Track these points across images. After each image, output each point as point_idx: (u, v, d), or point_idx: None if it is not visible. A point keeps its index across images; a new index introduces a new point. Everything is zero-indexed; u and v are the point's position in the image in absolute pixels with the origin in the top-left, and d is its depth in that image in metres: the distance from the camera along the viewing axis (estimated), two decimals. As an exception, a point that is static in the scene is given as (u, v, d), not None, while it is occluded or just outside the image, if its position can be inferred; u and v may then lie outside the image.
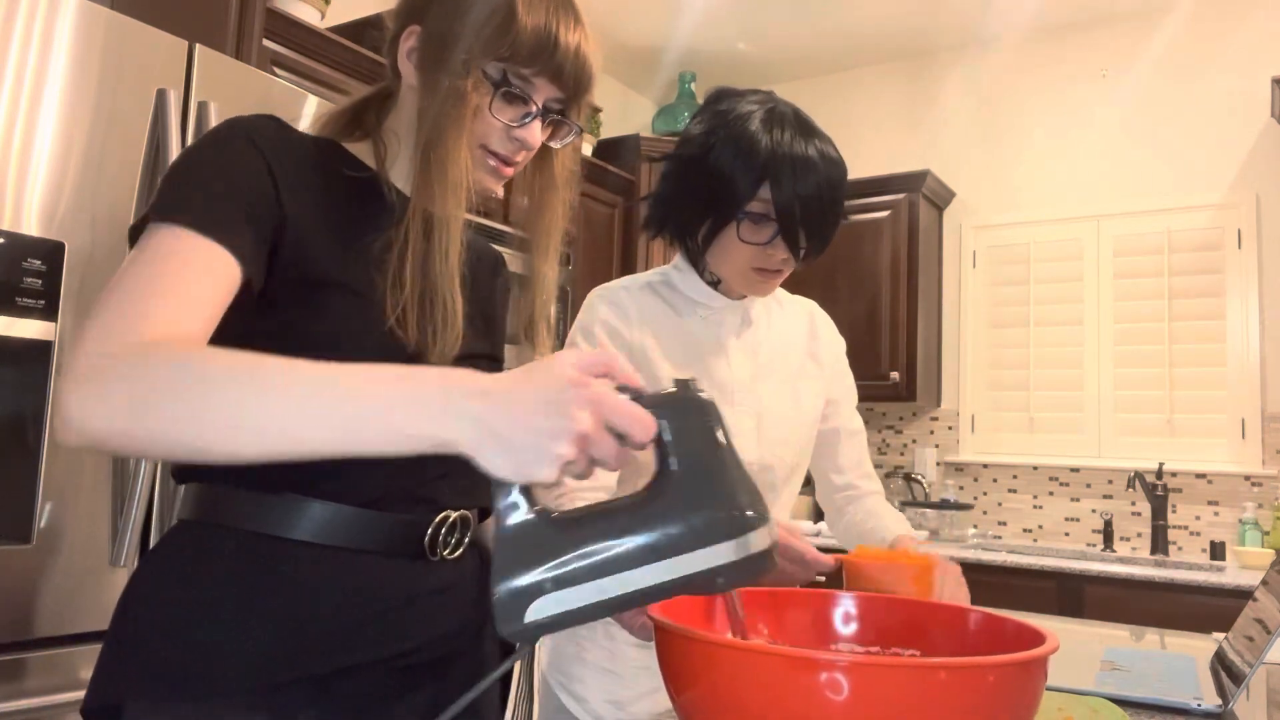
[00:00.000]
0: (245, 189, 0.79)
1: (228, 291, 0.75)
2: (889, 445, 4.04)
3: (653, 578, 0.61)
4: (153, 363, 0.64)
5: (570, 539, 0.61)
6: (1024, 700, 0.61)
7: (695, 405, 0.63)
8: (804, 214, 1.19)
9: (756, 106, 1.22)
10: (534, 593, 0.60)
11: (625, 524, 0.62)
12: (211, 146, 0.81)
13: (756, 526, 0.62)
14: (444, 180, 0.83)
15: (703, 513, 0.61)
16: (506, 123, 0.87)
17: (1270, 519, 3.20)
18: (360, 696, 0.82)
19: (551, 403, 0.59)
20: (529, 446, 0.58)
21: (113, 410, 0.63)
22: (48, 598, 1.48)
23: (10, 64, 1.47)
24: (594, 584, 0.61)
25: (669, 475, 0.62)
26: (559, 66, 0.87)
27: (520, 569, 0.61)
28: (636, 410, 0.60)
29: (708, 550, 0.61)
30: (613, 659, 1.27)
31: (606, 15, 3.87)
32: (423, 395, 0.61)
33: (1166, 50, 3.63)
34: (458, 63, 0.84)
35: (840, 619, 0.84)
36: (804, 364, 1.38)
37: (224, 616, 0.79)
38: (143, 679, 0.78)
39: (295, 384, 0.62)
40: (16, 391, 1.45)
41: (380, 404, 0.61)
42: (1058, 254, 3.79)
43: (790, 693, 0.58)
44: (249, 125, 0.83)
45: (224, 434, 0.62)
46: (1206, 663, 1.30)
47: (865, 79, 4.28)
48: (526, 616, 0.61)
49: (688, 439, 0.62)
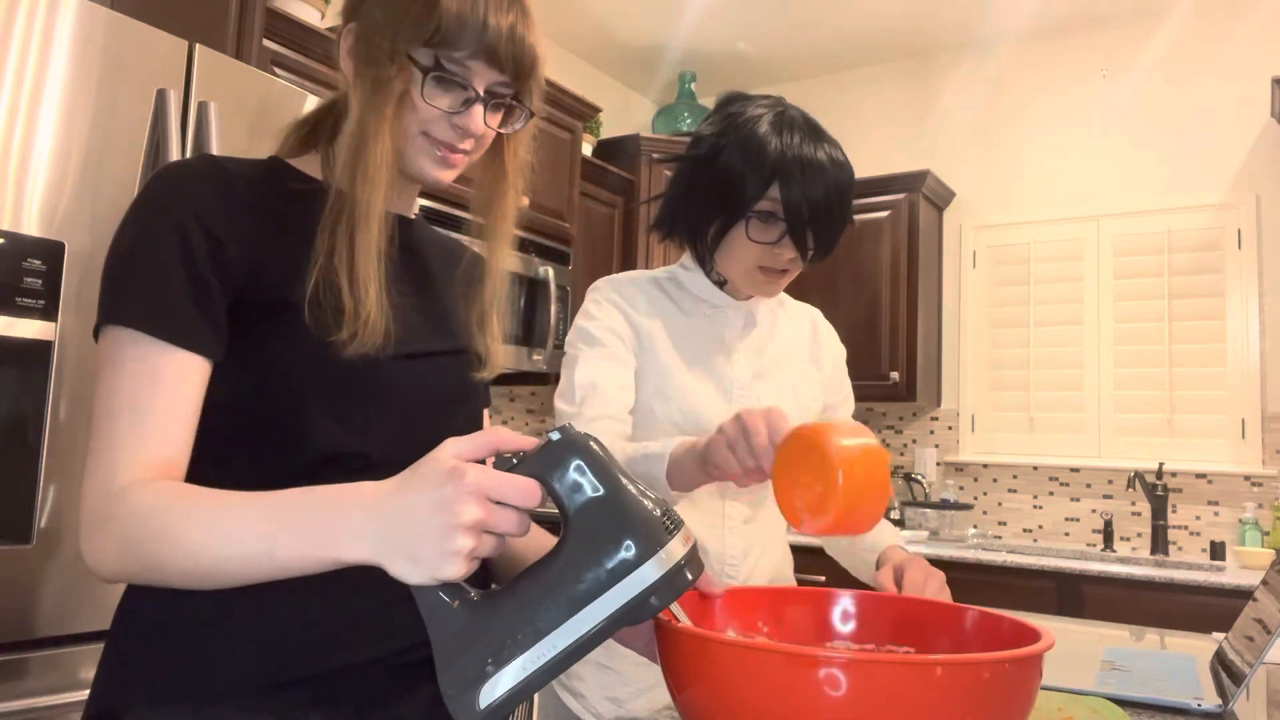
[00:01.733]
0: (189, 268, 0.78)
1: (200, 390, 0.80)
2: (889, 445, 4.04)
3: (586, 625, 0.62)
4: (127, 519, 0.72)
5: (497, 618, 0.63)
6: (1019, 697, 0.62)
7: (570, 448, 0.64)
8: (812, 216, 1.21)
9: (766, 110, 1.25)
10: (479, 679, 0.63)
11: (545, 584, 0.63)
12: (145, 226, 0.80)
13: (667, 540, 0.63)
14: (363, 166, 0.83)
15: (610, 545, 0.62)
16: (444, 109, 0.86)
17: (1270, 519, 3.20)
18: (361, 696, 0.82)
19: (436, 501, 0.62)
20: (429, 550, 0.62)
21: (109, 557, 0.73)
22: (48, 598, 1.48)
23: (10, 64, 1.47)
24: (532, 652, 0.62)
25: (569, 523, 0.64)
26: (491, 48, 0.85)
27: (460, 661, 0.63)
28: (516, 481, 0.63)
29: (629, 578, 0.62)
30: (611, 656, 1.28)
31: (606, 15, 3.87)
32: (320, 523, 0.66)
33: (1166, 50, 3.63)
34: (383, 51, 0.83)
35: (838, 617, 0.84)
36: (805, 368, 1.40)
37: (219, 620, 0.79)
38: (142, 686, 0.78)
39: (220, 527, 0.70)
40: (16, 391, 1.45)
41: (287, 537, 0.67)
42: (1058, 254, 3.79)
43: (789, 689, 0.58)
44: (177, 182, 0.82)
45: (187, 569, 0.70)
46: (1206, 663, 1.30)
47: (865, 79, 4.29)
48: (480, 704, 0.63)
49: (574, 484, 0.64)
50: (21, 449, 1.46)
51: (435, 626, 0.63)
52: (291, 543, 0.67)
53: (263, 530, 0.68)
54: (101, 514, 0.73)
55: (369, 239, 0.84)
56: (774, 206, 1.21)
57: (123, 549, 0.72)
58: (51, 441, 1.49)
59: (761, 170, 1.20)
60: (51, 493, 1.49)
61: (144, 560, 0.71)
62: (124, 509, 0.72)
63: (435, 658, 0.64)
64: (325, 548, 0.66)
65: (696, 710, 0.65)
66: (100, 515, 0.73)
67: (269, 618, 0.79)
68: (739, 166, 1.21)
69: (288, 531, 0.67)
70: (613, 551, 0.62)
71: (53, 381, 1.49)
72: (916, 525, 3.64)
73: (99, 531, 0.73)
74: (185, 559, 0.70)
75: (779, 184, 1.20)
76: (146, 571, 0.72)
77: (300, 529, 0.67)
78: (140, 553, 0.71)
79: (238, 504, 0.71)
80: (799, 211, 1.20)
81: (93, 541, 0.73)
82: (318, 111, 0.96)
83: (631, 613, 0.62)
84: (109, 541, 0.72)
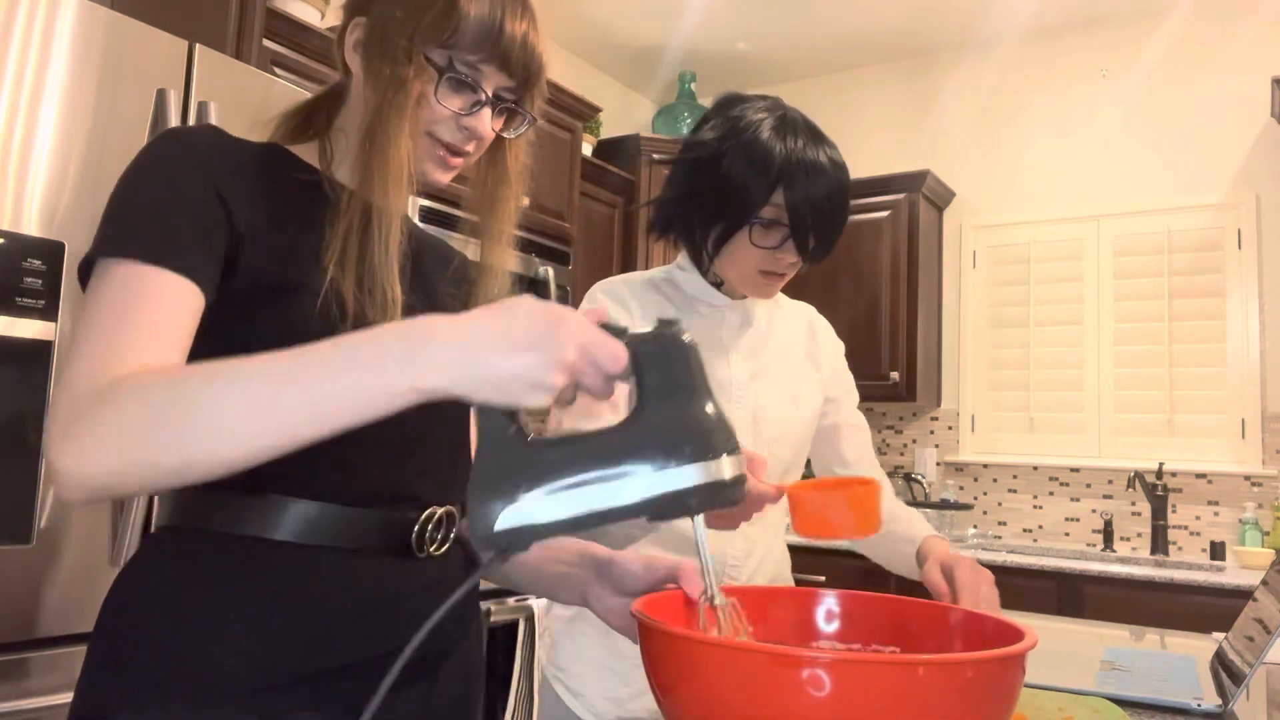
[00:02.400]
0: (191, 209, 0.77)
1: (193, 319, 0.76)
2: (889, 445, 4.04)
3: (623, 497, 0.64)
4: (127, 396, 0.64)
5: (546, 457, 0.65)
6: (1002, 696, 0.62)
7: (673, 343, 0.66)
8: (814, 218, 1.22)
9: (767, 114, 1.25)
10: (505, 501, 0.64)
11: (600, 447, 0.65)
12: (150, 169, 0.79)
13: (725, 454, 0.65)
14: (384, 168, 0.83)
15: (673, 437, 0.64)
16: (455, 111, 0.86)
17: (1270, 519, 3.20)
18: (353, 697, 0.82)
19: (536, 335, 0.61)
20: (519, 377, 0.61)
21: (98, 455, 0.63)
22: (48, 598, 1.48)
23: (10, 64, 1.48)
24: (565, 496, 0.64)
25: (644, 405, 0.66)
26: (505, 54, 0.86)
27: (496, 480, 0.64)
28: (610, 343, 0.63)
29: (677, 470, 0.64)
30: (611, 656, 1.28)
31: (606, 15, 3.87)
32: (394, 350, 0.62)
33: (1166, 50, 3.63)
34: (400, 49, 0.83)
35: (823, 617, 0.85)
36: (803, 367, 1.40)
37: (209, 621, 0.78)
38: (128, 688, 0.77)
39: (267, 376, 0.63)
40: (16, 391, 1.45)
41: (353, 373, 0.62)
42: (1058, 254, 3.79)
43: (773, 690, 0.58)
44: (186, 139, 0.82)
45: (213, 444, 0.63)
46: (1206, 663, 1.30)
47: (865, 79, 4.29)
48: (496, 524, 0.64)
49: (663, 373, 0.66)
50: (21, 449, 1.46)
51: (485, 450, 0.65)
52: (360, 379, 0.61)
53: (330, 368, 0.62)
54: (87, 407, 0.65)
55: (391, 245, 0.84)
56: (777, 213, 1.22)
57: (120, 440, 0.63)
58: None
59: (767, 178, 1.20)
60: (51, 493, 1.49)
61: (148, 448, 0.63)
62: (119, 395, 0.65)
63: (474, 469, 0.65)
64: (403, 377, 0.61)
65: (681, 712, 0.65)
66: (85, 409, 0.65)
67: (263, 618, 0.79)
68: (742, 174, 1.21)
69: (357, 367, 0.62)
70: (671, 444, 0.64)
71: (53, 381, 1.49)
72: (916, 525, 3.64)
73: (82, 427, 0.64)
74: (211, 429, 0.62)
75: (783, 188, 1.20)
76: (150, 462, 0.63)
77: (371, 361, 0.62)
78: (145, 439, 0.63)
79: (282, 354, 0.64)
80: (802, 214, 1.21)
81: (74, 441, 0.64)
82: (312, 101, 0.95)
83: (668, 504, 0.64)
84: (100, 434, 0.63)
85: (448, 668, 0.91)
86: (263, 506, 0.80)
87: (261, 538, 0.80)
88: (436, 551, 0.89)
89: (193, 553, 0.81)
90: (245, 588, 0.79)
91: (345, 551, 0.82)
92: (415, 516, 0.87)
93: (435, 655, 0.90)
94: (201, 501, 0.81)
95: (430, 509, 0.88)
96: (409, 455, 0.87)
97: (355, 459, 0.83)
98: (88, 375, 0.68)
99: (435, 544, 0.89)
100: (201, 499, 0.81)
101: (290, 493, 0.80)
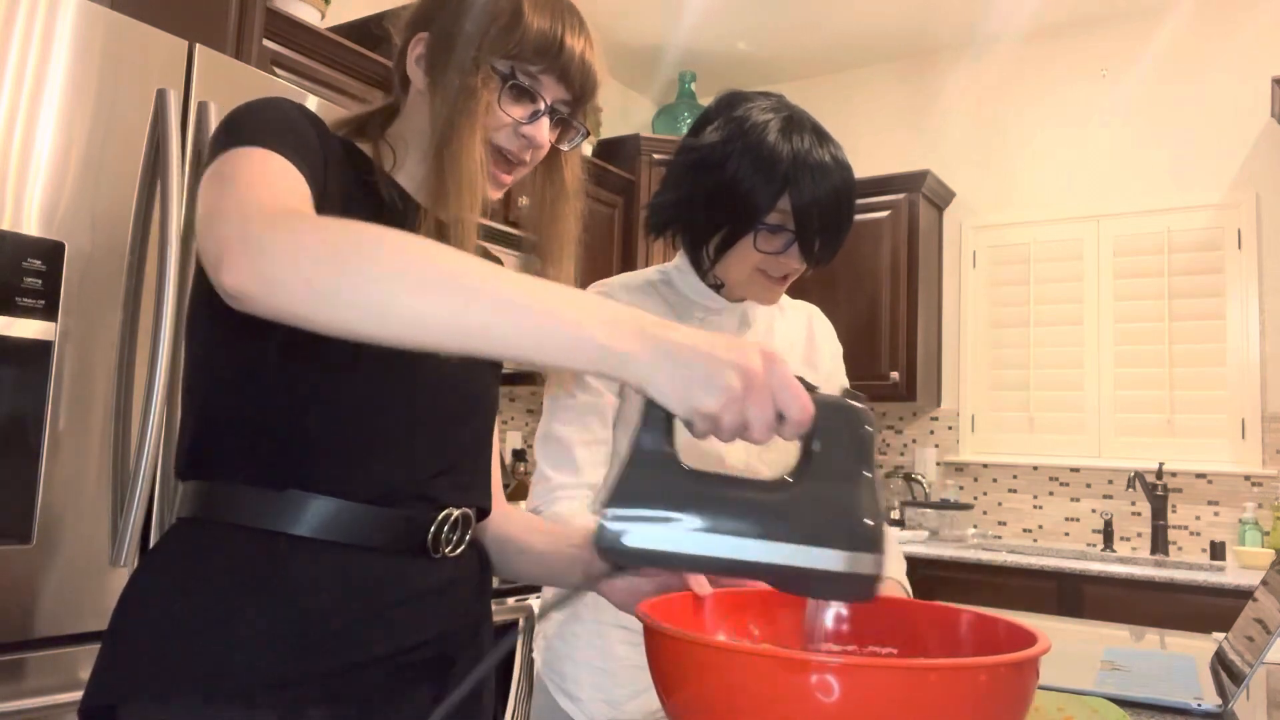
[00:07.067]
0: (308, 143, 0.81)
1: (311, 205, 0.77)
2: (889, 445, 4.04)
3: (758, 554, 0.62)
4: (324, 225, 0.63)
5: (704, 491, 0.63)
6: (1015, 701, 0.61)
7: (854, 415, 0.64)
8: (820, 220, 1.19)
9: (773, 115, 1.22)
10: (647, 522, 0.62)
11: (751, 497, 0.63)
12: (272, 105, 0.83)
13: (872, 550, 0.62)
14: (458, 179, 0.84)
15: (829, 516, 0.62)
16: (516, 119, 0.89)
17: (1270, 519, 3.20)
18: (365, 695, 0.83)
19: (741, 366, 0.60)
20: (701, 373, 0.60)
21: (291, 263, 0.61)
22: (48, 598, 1.48)
23: (10, 64, 1.47)
24: (706, 538, 0.62)
25: (808, 471, 0.63)
26: (565, 67, 0.89)
27: (638, 494, 0.63)
28: (803, 398, 0.61)
29: (820, 551, 0.62)
30: (606, 658, 1.27)
31: (606, 15, 3.87)
32: (614, 315, 0.62)
33: (1166, 50, 3.63)
34: (467, 60, 0.86)
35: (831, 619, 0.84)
36: (799, 371, 1.39)
37: (225, 614, 0.78)
38: (142, 678, 0.78)
39: (500, 283, 0.62)
40: (16, 391, 1.45)
41: (575, 315, 0.61)
42: (1058, 254, 3.79)
43: (781, 694, 0.58)
44: (298, 102, 0.85)
45: (416, 307, 0.61)
46: (1206, 663, 1.30)
47: (865, 79, 4.28)
48: (630, 540, 0.62)
49: (841, 448, 0.63)
50: (21, 449, 1.46)
51: (639, 461, 0.63)
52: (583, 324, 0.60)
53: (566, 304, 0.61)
54: (281, 220, 0.64)
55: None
56: (783, 218, 1.19)
57: (320, 252, 0.61)
58: (51, 441, 1.49)
59: (773, 181, 1.18)
60: (52, 493, 1.49)
61: (346, 274, 0.60)
62: (314, 220, 0.65)
63: (619, 477, 0.63)
64: (613, 338, 0.60)
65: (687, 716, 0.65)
66: (278, 221, 0.64)
67: (277, 615, 0.79)
68: (749, 179, 1.18)
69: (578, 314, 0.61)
70: (823, 521, 0.62)
71: (52, 381, 1.49)
72: (916, 525, 3.64)
73: (276, 238, 0.62)
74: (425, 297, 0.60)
75: (790, 191, 1.18)
76: (348, 286, 0.60)
77: (592, 316, 0.61)
78: (343, 265, 0.61)
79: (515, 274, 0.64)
80: (809, 217, 1.18)
81: (267, 253, 0.62)
82: (364, 114, 0.98)
83: (791, 578, 0.63)
84: (298, 243, 0.62)
85: (458, 669, 0.92)
86: (282, 501, 0.81)
87: (279, 532, 0.80)
88: (452, 553, 0.90)
89: (209, 545, 0.81)
90: (260, 581, 0.80)
91: (362, 549, 0.83)
92: (433, 517, 0.88)
93: (442, 658, 0.90)
94: (221, 494, 0.82)
95: (447, 510, 0.89)
96: (429, 456, 0.88)
97: (376, 458, 0.84)
98: (264, 200, 0.68)
99: (451, 545, 0.90)
100: (221, 492, 0.82)
101: (310, 488, 0.81)
